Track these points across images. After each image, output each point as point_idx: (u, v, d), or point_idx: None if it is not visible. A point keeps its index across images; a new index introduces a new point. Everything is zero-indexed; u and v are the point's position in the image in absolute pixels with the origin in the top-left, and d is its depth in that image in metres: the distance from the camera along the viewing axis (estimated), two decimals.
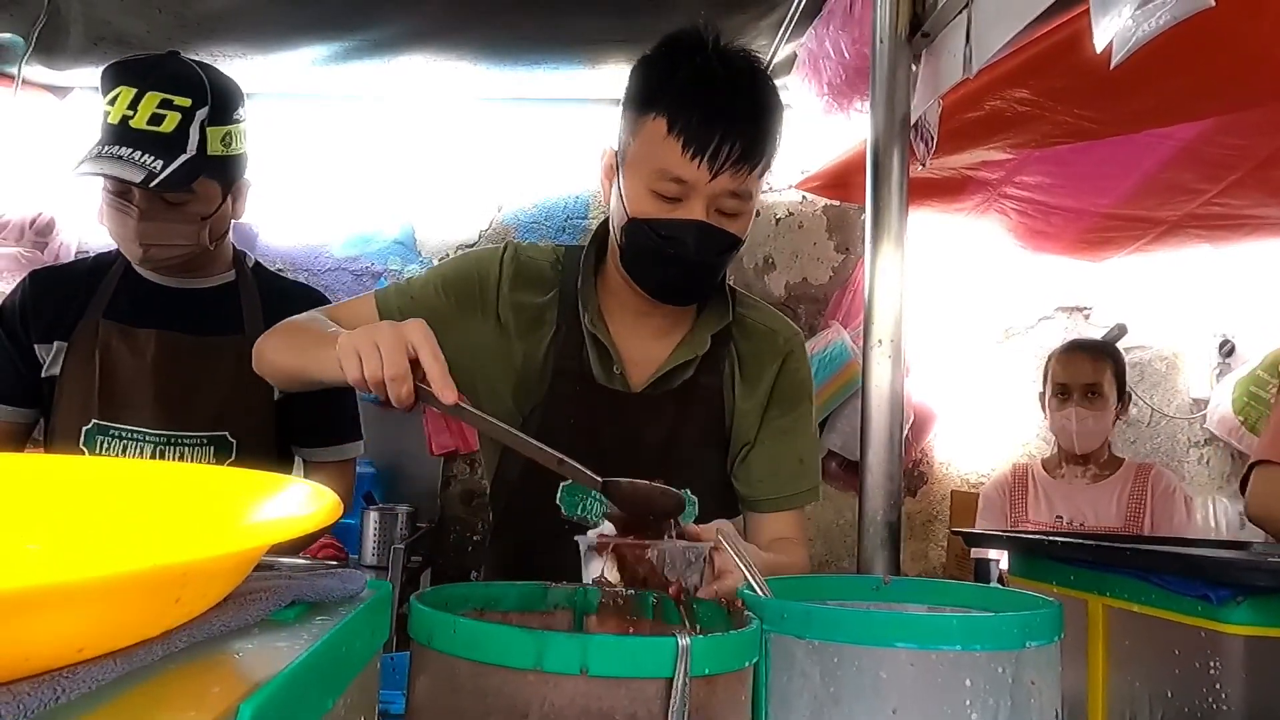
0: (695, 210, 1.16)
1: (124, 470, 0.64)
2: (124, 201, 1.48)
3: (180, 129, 1.46)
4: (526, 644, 0.69)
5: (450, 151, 3.76)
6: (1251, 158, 2.46)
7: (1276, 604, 0.83)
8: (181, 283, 1.61)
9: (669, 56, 1.20)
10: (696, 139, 1.12)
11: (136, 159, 1.42)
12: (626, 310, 1.30)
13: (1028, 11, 1.27)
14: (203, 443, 1.56)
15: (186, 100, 1.47)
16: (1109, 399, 2.59)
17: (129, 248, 1.52)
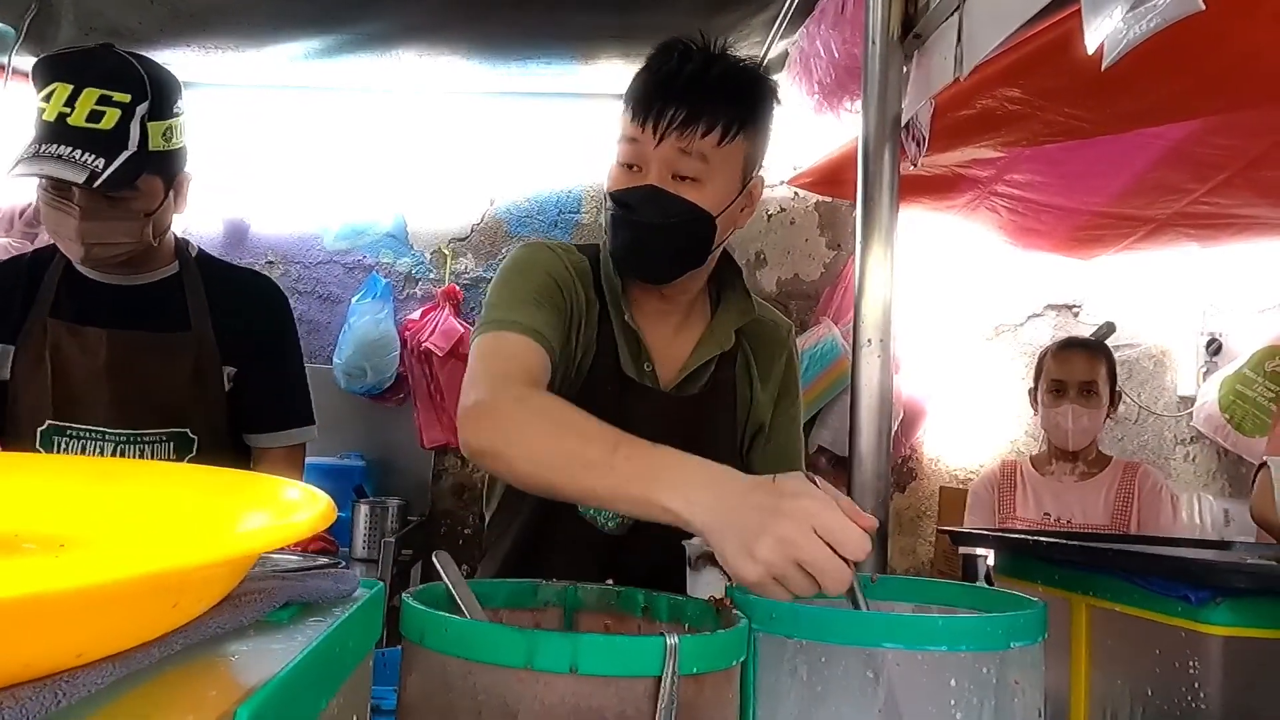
0: (650, 177, 1.21)
1: (117, 469, 0.65)
2: (63, 200, 1.44)
3: (120, 125, 1.42)
4: (517, 643, 0.70)
5: (443, 144, 3.76)
6: (1240, 158, 2.47)
7: (1255, 605, 0.84)
8: (124, 279, 1.58)
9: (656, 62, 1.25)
10: (642, 105, 1.20)
11: (77, 158, 1.38)
12: (647, 307, 1.33)
13: (1018, 15, 1.28)
14: (163, 439, 1.55)
15: (125, 96, 1.43)
16: (1103, 397, 2.61)
17: (70, 247, 1.48)
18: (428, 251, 3.78)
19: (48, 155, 1.38)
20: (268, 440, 1.68)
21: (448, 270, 3.74)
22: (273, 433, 1.68)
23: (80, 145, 1.39)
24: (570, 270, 1.30)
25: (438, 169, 3.76)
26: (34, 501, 0.59)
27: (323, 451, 3.38)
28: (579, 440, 0.98)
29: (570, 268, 1.30)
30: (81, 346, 1.53)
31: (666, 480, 0.91)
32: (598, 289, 1.32)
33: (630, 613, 0.96)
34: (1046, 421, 2.69)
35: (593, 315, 1.31)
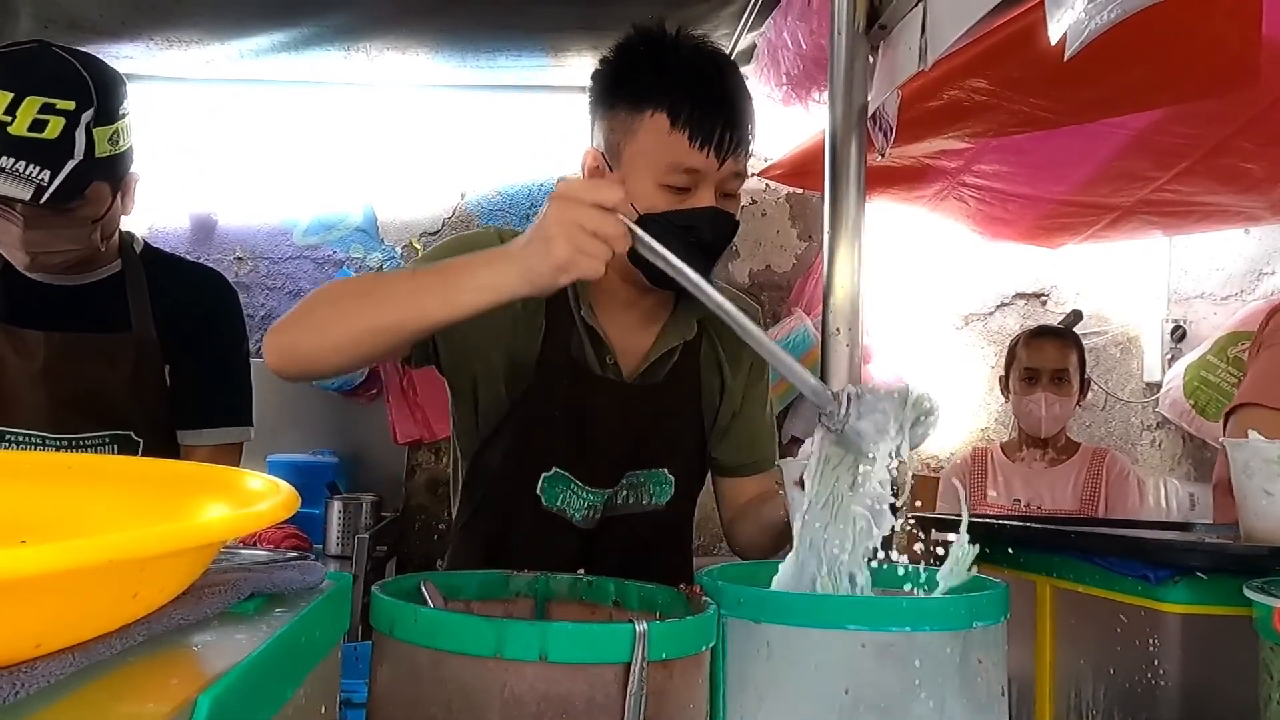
0: (705, 198, 1.20)
1: (77, 463, 0.64)
2: (5, 208, 1.39)
3: (65, 134, 1.36)
4: (486, 632, 0.70)
5: (412, 138, 3.73)
6: (1201, 146, 2.52)
7: (1211, 584, 0.86)
8: (65, 279, 1.53)
9: (647, 54, 1.22)
10: (702, 129, 1.16)
11: (21, 170, 1.32)
12: (613, 301, 1.32)
13: (980, 6, 1.29)
14: (105, 442, 1.52)
15: (70, 103, 1.36)
16: (1074, 384, 2.66)
17: (14, 255, 1.44)
18: (399, 245, 3.76)
19: None
20: (193, 438, 1.60)
21: None
22: (199, 430, 1.60)
23: (23, 156, 1.33)
24: None
25: (407, 162, 3.74)
26: None
27: (295, 448, 3.36)
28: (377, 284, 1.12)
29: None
30: (19, 350, 1.48)
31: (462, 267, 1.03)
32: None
33: (602, 602, 0.96)
34: (1019, 409, 2.73)
35: (537, 311, 1.29)
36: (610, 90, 1.24)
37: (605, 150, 1.24)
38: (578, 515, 1.35)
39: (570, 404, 1.30)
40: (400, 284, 1.09)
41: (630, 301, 1.33)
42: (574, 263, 0.96)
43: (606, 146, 1.24)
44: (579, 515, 1.35)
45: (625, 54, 1.25)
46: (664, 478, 1.37)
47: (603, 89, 1.26)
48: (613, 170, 1.23)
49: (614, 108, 1.23)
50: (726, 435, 1.43)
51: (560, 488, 1.32)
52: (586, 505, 1.34)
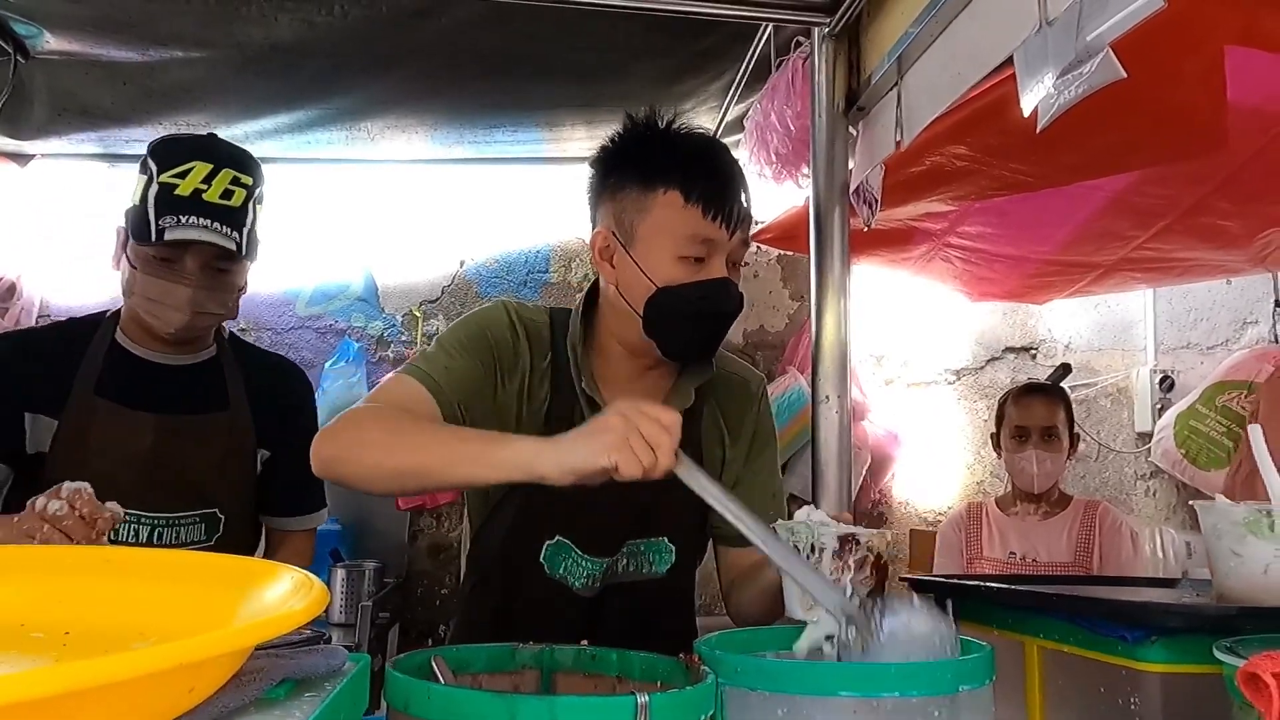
0: (718, 268, 1.27)
1: (117, 556, 0.69)
2: (174, 270, 1.53)
3: (244, 204, 1.56)
4: (498, 707, 0.74)
5: (411, 209, 3.83)
6: (1177, 206, 2.59)
7: (1187, 643, 0.90)
8: (169, 358, 1.63)
9: (651, 138, 1.31)
10: (714, 203, 1.24)
11: (220, 229, 1.51)
12: (618, 376, 1.36)
13: (951, 91, 1.37)
14: (195, 521, 1.59)
15: (249, 179, 1.57)
16: (1063, 440, 2.70)
17: (170, 316, 1.55)
18: (399, 314, 3.84)
19: (191, 225, 1.49)
20: (294, 524, 1.74)
21: (419, 332, 3.78)
22: (297, 517, 1.74)
23: (219, 219, 1.51)
24: (516, 328, 1.35)
25: (407, 233, 3.83)
26: (37, 591, 0.63)
27: None
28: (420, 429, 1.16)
29: (518, 326, 1.35)
30: (126, 430, 1.56)
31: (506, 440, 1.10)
32: (557, 354, 1.36)
33: (605, 673, 1.00)
34: (1011, 466, 2.77)
35: (542, 374, 1.35)
36: (617, 173, 1.31)
37: (616, 230, 1.30)
38: (578, 583, 1.37)
39: None
40: (443, 438, 1.16)
41: (634, 375, 1.37)
42: (621, 454, 1.01)
43: (617, 226, 1.30)
44: (579, 583, 1.37)
45: (627, 140, 1.32)
46: (665, 546, 1.40)
47: (608, 173, 1.32)
48: (625, 248, 1.29)
49: (623, 189, 1.29)
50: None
51: (562, 556, 1.36)
52: (586, 574, 1.37)
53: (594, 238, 1.34)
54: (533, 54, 2.48)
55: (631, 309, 1.29)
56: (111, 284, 1.63)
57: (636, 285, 1.27)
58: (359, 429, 1.20)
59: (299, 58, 2.48)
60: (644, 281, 1.26)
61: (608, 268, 1.32)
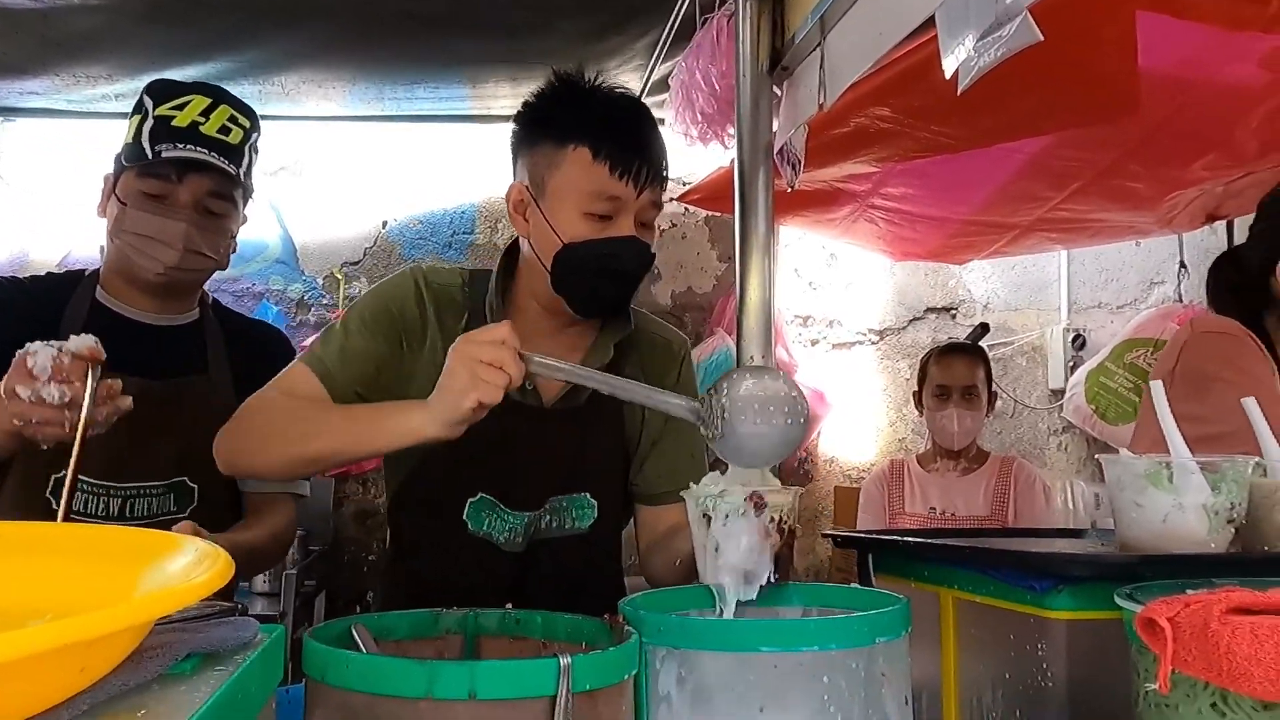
0: (625, 226, 1.28)
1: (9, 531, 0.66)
2: (165, 205, 1.49)
3: (241, 144, 1.54)
4: (417, 674, 0.73)
5: (331, 168, 3.72)
6: (1091, 168, 2.67)
7: (1091, 591, 0.94)
8: (151, 317, 1.57)
9: (568, 95, 1.32)
10: (621, 161, 1.25)
11: (217, 159, 1.49)
12: (536, 333, 1.36)
13: (873, 51, 1.37)
14: (163, 491, 1.51)
15: (247, 121, 1.56)
16: (982, 398, 2.78)
17: (162, 253, 1.49)
18: (320, 276, 3.74)
19: (189, 151, 1.47)
20: (257, 485, 1.62)
21: (341, 295, 3.70)
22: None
23: (215, 150, 1.50)
24: (424, 297, 1.36)
25: (326, 192, 3.72)
26: None
27: None
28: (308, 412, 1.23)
29: (425, 295, 1.36)
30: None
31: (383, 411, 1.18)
32: (474, 314, 1.37)
33: (531, 635, 1.00)
34: (932, 424, 2.84)
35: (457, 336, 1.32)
36: (534, 129, 1.32)
37: (530, 184, 1.31)
38: (501, 538, 1.38)
39: (492, 430, 1.31)
40: (334, 421, 1.22)
41: (553, 332, 1.38)
42: (476, 389, 1.07)
43: (531, 180, 1.31)
44: (503, 538, 1.38)
45: (547, 96, 1.33)
46: (586, 502, 1.41)
47: (526, 128, 1.34)
48: (537, 202, 1.30)
49: (538, 145, 1.31)
50: (646, 462, 1.47)
51: (485, 512, 1.37)
52: (509, 529, 1.38)
53: (509, 191, 1.35)
54: (456, 9, 2.42)
55: (542, 264, 1.31)
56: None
57: (546, 240, 1.30)
58: (253, 422, 1.25)
59: (208, 8, 2.38)
60: (552, 237, 1.28)
61: (521, 222, 1.34)
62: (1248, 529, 1.07)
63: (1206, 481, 1.02)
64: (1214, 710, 0.72)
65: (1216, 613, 0.72)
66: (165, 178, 1.49)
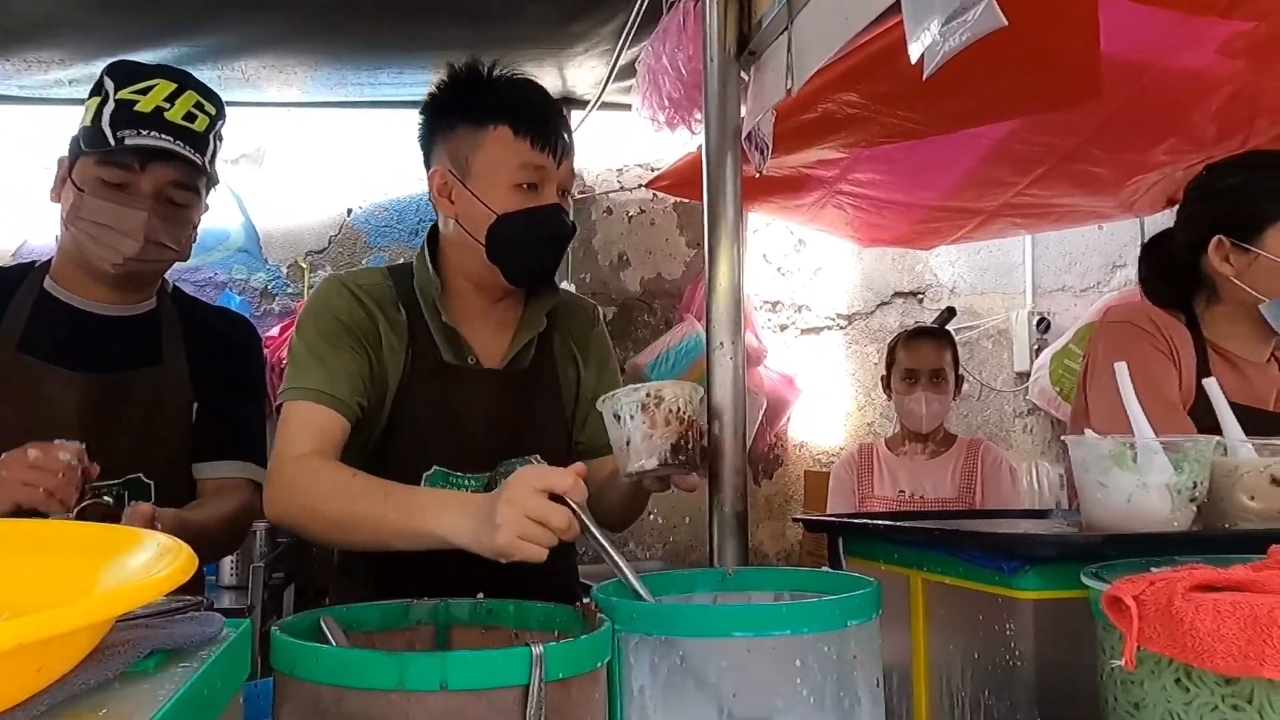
0: (550, 195, 1.39)
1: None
2: (126, 194, 1.44)
3: (207, 132, 1.49)
4: (387, 666, 0.73)
5: (293, 155, 3.66)
6: (1055, 153, 2.70)
7: (1058, 571, 0.95)
8: (104, 308, 1.52)
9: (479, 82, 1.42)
10: (541, 135, 1.37)
11: (182, 147, 1.44)
12: (470, 312, 1.45)
13: (840, 35, 1.37)
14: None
15: (213, 109, 1.51)
16: (950, 381, 2.81)
17: (121, 243, 1.44)
18: (284, 265, 3.69)
19: (153, 138, 1.42)
20: (225, 469, 1.57)
21: (306, 284, 3.65)
22: (229, 461, 1.58)
23: (180, 137, 1.45)
24: (365, 303, 1.39)
25: (289, 179, 3.67)
26: None
27: None
28: (354, 501, 1.20)
29: (365, 300, 1.40)
30: (48, 390, 1.44)
31: (424, 512, 1.14)
32: (407, 304, 1.42)
33: (503, 625, 0.99)
34: (900, 407, 2.86)
35: (401, 332, 1.41)
36: (448, 116, 1.41)
37: (452, 167, 1.39)
38: None
39: (440, 399, 1.41)
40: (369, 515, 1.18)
41: (485, 309, 1.46)
42: (516, 549, 1.04)
43: (453, 163, 1.40)
44: None
45: (455, 86, 1.42)
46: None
47: (439, 117, 1.42)
48: (463, 182, 1.38)
49: (455, 129, 1.40)
50: (587, 421, 1.55)
51: (440, 484, 1.40)
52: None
53: (431, 177, 1.43)
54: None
55: (474, 239, 1.38)
56: None
57: (477, 216, 1.37)
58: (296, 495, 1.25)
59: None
60: (483, 211, 1.36)
61: (447, 204, 1.41)
62: (1209, 507, 1.09)
63: (1169, 461, 1.03)
64: (1178, 686, 0.74)
65: (1180, 590, 0.73)
66: (127, 166, 1.44)
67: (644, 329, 3.89)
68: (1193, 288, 1.69)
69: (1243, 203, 1.60)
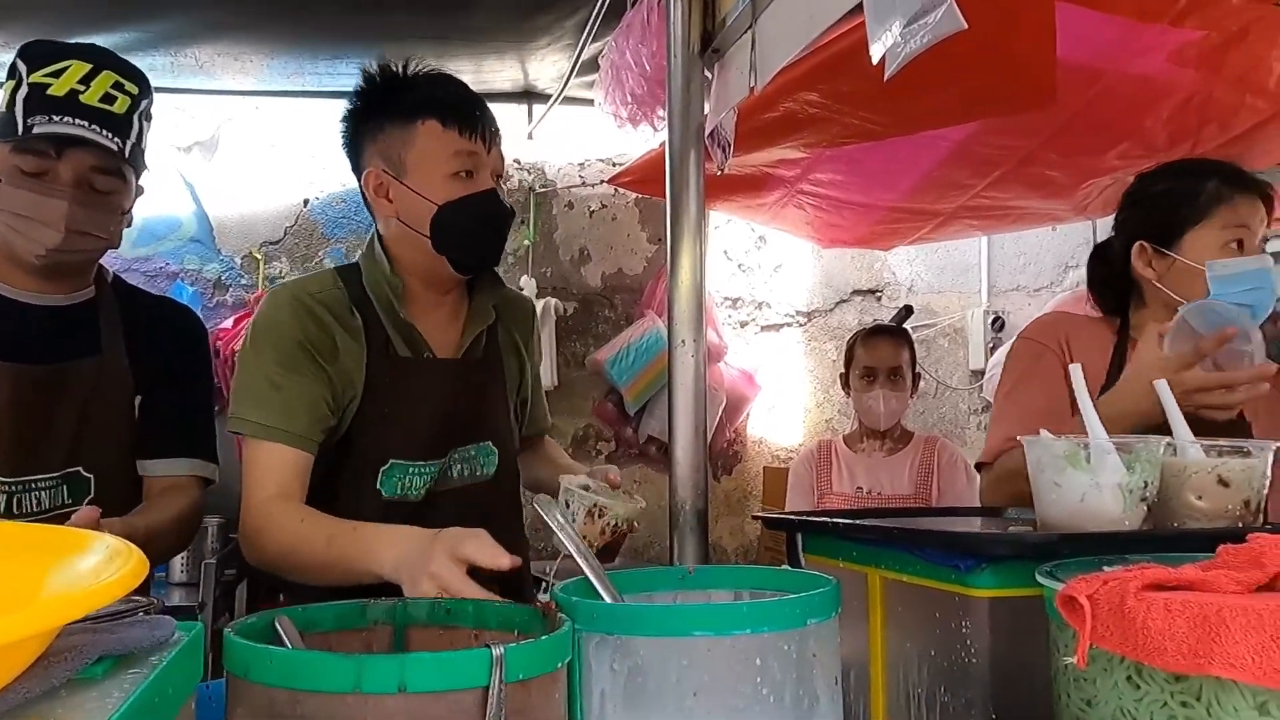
0: (485, 181, 1.42)
1: None
2: (45, 183, 1.37)
3: (129, 114, 1.42)
4: (344, 668, 0.71)
5: (249, 144, 3.60)
6: (1013, 156, 2.74)
7: (1013, 569, 0.96)
8: (38, 297, 1.46)
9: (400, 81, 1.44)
10: (469, 123, 1.40)
11: (99, 132, 1.36)
12: (419, 306, 1.47)
13: (804, 34, 1.37)
14: (55, 484, 1.41)
15: (135, 88, 1.44)
16: (907, 379, 2.84)
17: (43, 234, 1.38)
18: (238, 256, 3.62)
19: (67, 124, 1.35)
20: (174, 467, 1.52)
21: (261, 275, 3.59)
22: (175, 459, 1.52)
23: (96, 121, 1.37)
24: (319, 316, 1.39)
25: (244, 169, 3.60)
26: None
27: None
28: (302, 549, 1.25)
29: (319, 313, 1.40)
30: None
31: (367, 552, 1.18)
32: (360, 306, 1.43)
33: (462, 624, 0.98)
34: (859, 405, 2.89)
35: (358, 337, 1.42)
36: (374, 117, 1.43)
37: (386, 166, 1.41)
38: (415, 494, 1.44)
39: (396, 395, 1.43)
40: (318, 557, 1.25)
41: (435, 302, 1.49)
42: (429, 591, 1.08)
43: (386, 162, 1.41)
44: (416, 494, 1.44)
45: (376, 88, 1.44)
46: (489, 449, 1.52)
47: (364, 119, 1.44)
48: (399, 179, 1.40)
49: (383, 130, 1.42)
50: (529, 409, 1.66)
51: (397, 476, 1.42)
52: (423, 483, 1.44)
53: (366, 178, 1.44)
54: None
55: (417, 233, 1.40)
56: None
57: (417, 209, 1.40)
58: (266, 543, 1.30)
59: None
60: (424, 204, 1.39)
61: (385, 203, 1.43)
62: (1159, 507, 1.11)
63: (1122, 462, 1.05)
64: (1129, 683, 0.75)
65: (1132, 590, 0.74)
66: (43, 154, 1.37)
67: (605, 324, 3.88)
68: (1129, 292, 1.73)
69: (1162, 209, 1.64)
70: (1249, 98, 2.20)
